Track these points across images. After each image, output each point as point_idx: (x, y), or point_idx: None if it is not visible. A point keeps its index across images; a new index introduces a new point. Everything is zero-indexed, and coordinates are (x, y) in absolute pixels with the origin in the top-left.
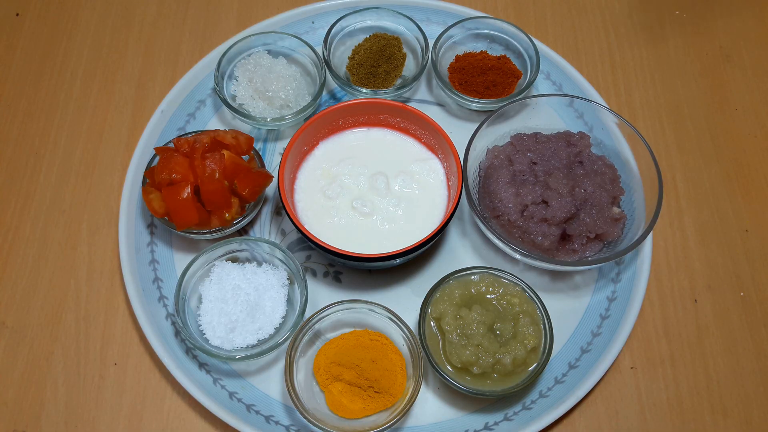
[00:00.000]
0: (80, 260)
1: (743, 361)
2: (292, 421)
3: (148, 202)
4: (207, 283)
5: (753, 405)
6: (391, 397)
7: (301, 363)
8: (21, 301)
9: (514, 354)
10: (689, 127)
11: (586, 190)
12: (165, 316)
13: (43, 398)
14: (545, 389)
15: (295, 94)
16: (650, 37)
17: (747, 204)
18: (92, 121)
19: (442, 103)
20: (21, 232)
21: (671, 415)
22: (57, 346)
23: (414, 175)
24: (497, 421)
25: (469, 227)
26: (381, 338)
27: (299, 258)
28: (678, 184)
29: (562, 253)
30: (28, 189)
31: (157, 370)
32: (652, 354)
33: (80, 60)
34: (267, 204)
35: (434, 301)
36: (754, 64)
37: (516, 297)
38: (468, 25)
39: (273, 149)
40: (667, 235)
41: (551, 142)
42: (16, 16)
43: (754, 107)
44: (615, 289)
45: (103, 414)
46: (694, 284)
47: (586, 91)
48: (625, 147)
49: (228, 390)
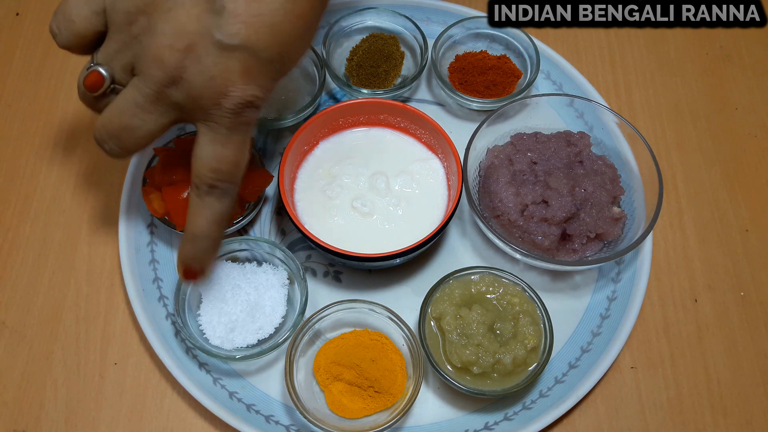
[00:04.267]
0: (80, 260)
1: (743, 361)
2: (292, 420)
3: (148, 202)
4: (207, 283)
5: (753, 405)
6: (391, 396)
7: (301, 363)
8: (21, 301)
9: (514, 354)
10: (689, 127)
11: (587, 190)
12: (165, 316)
13: (43, 398)
14: (545, 389)
15: (294, 95)
16: (650, 37)
17: (747, 204)
18: (92, 121)
19: (442, 102)
20: (21, 232)
21: (671, 415)
22: (57, 346)
23: (414, 174)
24: (497, 420)
25: (469, 227)
26: (381, 338)
27: (299, 258)
28: (678, 184)
29: (562, 253)
30: (28, 189)
31: (157, 370)
32: (652, 354)
33: (80, 60)
34: (267, 204)
35: (434, 301)
36: (754, 64)
37: (516, 297)
38: (468, 25)
39: (273, 149)
40: (667, 235)
41: (551, 141)
42: (16, 15)
43: (754, 107)
44: (615, 289)
45: (103, 414)
46: (694, 284)
47: (586, 91)
48: (625, 147)
49: (228, 390)
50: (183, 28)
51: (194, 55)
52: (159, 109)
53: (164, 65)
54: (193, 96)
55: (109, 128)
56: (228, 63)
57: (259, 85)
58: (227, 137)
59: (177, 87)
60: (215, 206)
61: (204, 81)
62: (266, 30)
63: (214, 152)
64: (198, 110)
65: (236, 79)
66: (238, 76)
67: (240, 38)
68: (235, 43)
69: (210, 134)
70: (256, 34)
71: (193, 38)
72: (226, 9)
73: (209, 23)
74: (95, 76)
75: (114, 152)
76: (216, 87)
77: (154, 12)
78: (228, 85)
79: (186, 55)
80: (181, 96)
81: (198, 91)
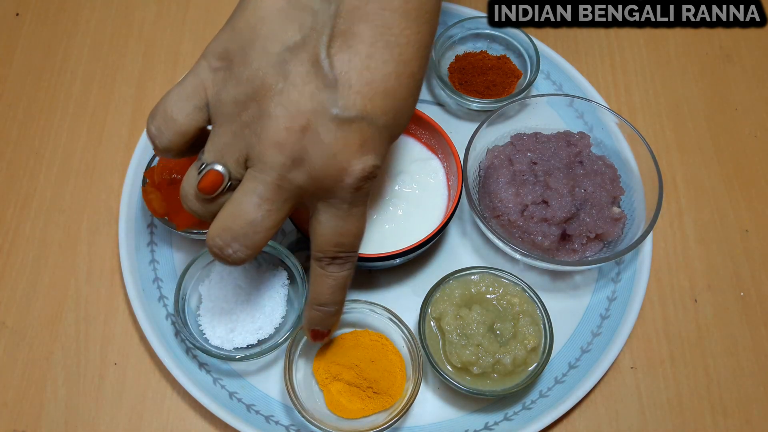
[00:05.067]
0: (80, 260)
1: (743, 361)
2: (292, 421)
3: (148, 202)
4: (207, 283)
5: (753, 405)
6: (390, 398)
7: (300, 363)
8: (21, 301)
9: (514, 354)
10: (689, 127)
11: (586, 190)
12: (165, 316)
13: (43, 398)
14: (545, 389)
15: None
16: (650, 37)
17: (747, 204)
18: (92, 121)
19: (442, 103)
20: (21, 232)
21: (671, 415)
22: (57, 346)
23: (414, 174)
24: (497, 421)
25: (469, 227)
26: (381, 338)
27: (299, 258)
28: (678, 184)
29: (562, 253)
30: (28, 189)
31: (157, 370)
32: (652, 354)
33: (80, 60)
34: None
35: (434, 301)
36: (754, 64)
37: (516, 297)
38: (468, 25)
39: None
40: (667, 235)
41: (551, 142)
42: (16, 16)
43: (754, 107)
44: (615, 289)
45: (103, 414)
46: (694, 284)
47: (586, 91)
48: (625, 147)
49: (228, 390)
50: (298, 108)
51: (312, 134)
52: (281, 197)
53: (284, 148)
54: (315, 176)
55: (234, 229)
56: (347, 137)
57: (378, 154)
58: (348, 212)
59: (299, 169)
60: (338, 275)
61: (326, 159)
62: (380, 96)
63: (336, 228)
64: (320, 190)
65: (355, 153)
66: (357, 148)
67: (357, 110)
68: (353, 116)
69: (331, 210)
70: (371, 103)
71: (309, 117)
72: (339, 82)
73: (324, 99)
74: (214, 175)
75: (239, 255)
76: (338, 164)
77: (264, 96)
78: (349, 160)
79: (304, 134)
80: (304, 178)
81: (320, 170)
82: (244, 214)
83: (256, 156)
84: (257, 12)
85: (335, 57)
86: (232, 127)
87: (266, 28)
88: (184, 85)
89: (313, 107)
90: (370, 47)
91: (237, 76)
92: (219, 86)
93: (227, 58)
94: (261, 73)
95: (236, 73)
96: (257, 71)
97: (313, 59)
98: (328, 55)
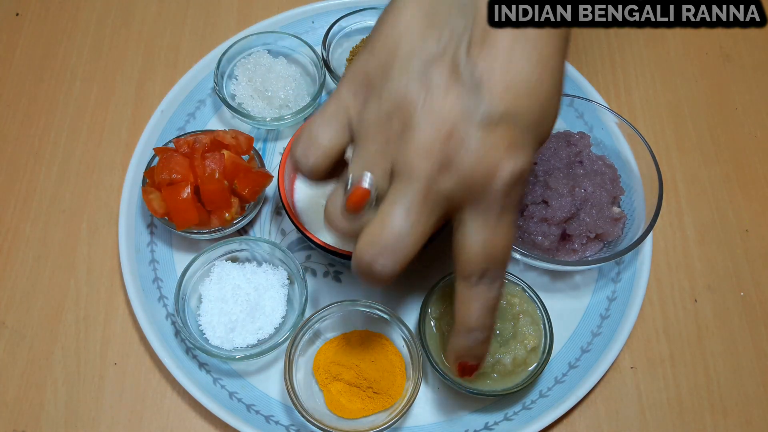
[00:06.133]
0: (80, 260)
1: (743, 361)
2: (292, 420)
3: (148, 202)
4: (207, 283)
5: (753, 405)
6: (390, 398)
7: (300, 362)
8: (21, 301)
9: (514, 354)
10: (689, 127)
11: (586, 190)
12: (165, 316)
13: (43, 398)
14: (545, 389)
15: (294, 94)
16: (650, 37)
17: (747, 204)
18: (92, 121)
19: None
20: (21, 232)
21: (671, 415)
22: (57, 346)
23: None
24: (497, 421)
25: None
26: (381, 338)
27: (299, 258)
28: (678, 184)
29: (562, 253)
30: (28, 189)
31: (157, 370)
32: (652, 354)
33: (80, 60)
34: (267, 204)
35: (434, 301)
36: (754, 64)
37: (516, 297)
38: None
39: (273, 149)
40: (667, 235)
41: (551, 142)
42: (16, 16)
43: (754, 107)
44: (615, 289)
45: (103, 414)
46: (694, 284)
47: (586, 91)
48: (625, 147)
49: (228, 390)
50: (441, 115)
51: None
52: (429, 207)
53: (430, 155)
54: (464, 181)
55: (382, 245)
56: (494, 139)
57: (527, 155)
58: (498, 220)
59: (447, 174)
60: (487, 294)
61: (474, 161)
62: (524, 95)
63: (485, 239)
64: (468, 197)
65: (503, 154)
66: (504, 150)
67: (501, 110)
68: (498, 117)
69: (479, 220)
70: (515, 102)
71: (454, 122)
72: (481, 85)
73: (468, 103)
74: (361, 192)
75: (386, 271)
76: (486, 166)
77: (407, 110)
78: (497, 163)
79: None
80: (452, 183)
81: (469, 174)
82: (391, 226)
83: (402, 167)
84: (395, 30)
85: (476, 61)
86: (376, 144)
87: (405, 46)
88: (327, 109)
89: (457, 113)
90: (510, 49)
91: (378, 95)
92: (361, 106)
93: (367, 80)
94: (402, 89)
95: (378, 92)
96: (398, 87)
97: (452, 67)
98: (469, 61)
